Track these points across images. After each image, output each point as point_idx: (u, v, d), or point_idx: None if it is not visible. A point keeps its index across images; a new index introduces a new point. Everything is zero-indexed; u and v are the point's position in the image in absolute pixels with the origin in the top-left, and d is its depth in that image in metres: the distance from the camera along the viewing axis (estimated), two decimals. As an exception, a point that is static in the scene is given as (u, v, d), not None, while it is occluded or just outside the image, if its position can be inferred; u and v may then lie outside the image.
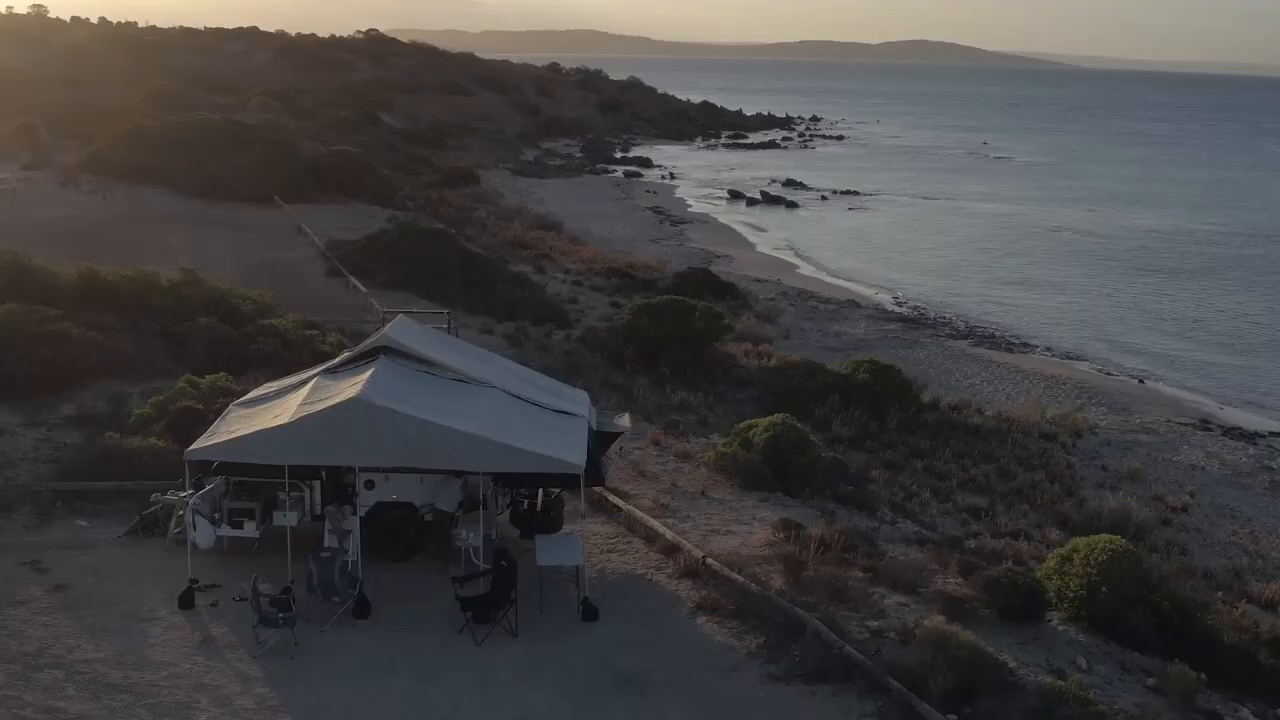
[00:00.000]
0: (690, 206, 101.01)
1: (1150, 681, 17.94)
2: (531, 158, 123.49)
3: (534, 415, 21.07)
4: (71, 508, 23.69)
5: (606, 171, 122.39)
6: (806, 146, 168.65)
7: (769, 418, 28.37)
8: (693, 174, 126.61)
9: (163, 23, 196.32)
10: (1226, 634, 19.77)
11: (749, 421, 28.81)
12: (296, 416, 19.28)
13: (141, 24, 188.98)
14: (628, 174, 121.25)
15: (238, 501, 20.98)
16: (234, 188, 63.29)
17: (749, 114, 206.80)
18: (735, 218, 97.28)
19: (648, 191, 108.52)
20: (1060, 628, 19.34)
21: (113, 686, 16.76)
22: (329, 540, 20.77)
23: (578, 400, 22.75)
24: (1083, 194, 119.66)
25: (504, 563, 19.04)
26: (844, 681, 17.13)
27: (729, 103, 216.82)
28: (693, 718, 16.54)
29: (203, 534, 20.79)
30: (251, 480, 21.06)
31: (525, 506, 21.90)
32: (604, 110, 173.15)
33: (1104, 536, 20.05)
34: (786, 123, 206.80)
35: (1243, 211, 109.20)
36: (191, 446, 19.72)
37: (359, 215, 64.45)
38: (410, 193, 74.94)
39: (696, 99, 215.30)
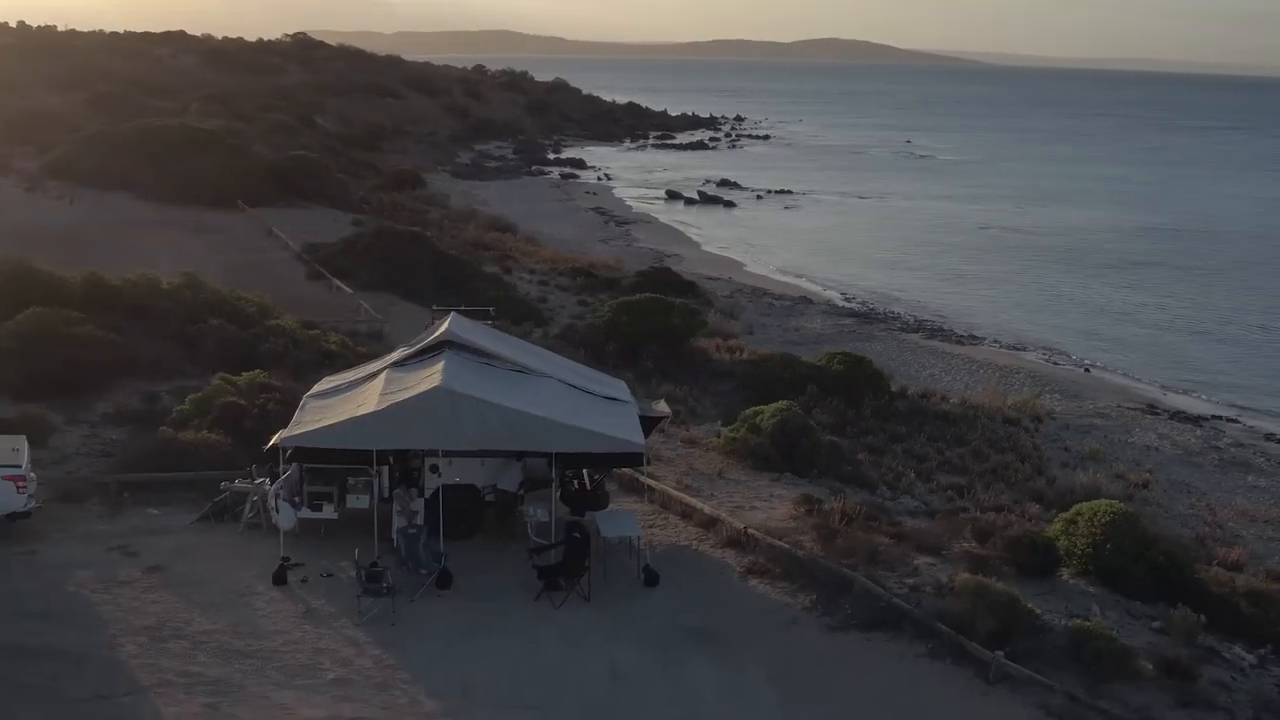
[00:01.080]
0: (631, 207, 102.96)
1: (1155, 625, 20.30)
2: (468, 160, 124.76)
3: (589, 401, 23.05)
4: (138, 498, 25.16)
5: (543, 173, 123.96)
6: (735, 147, 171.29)
7: (774, 405, 30.46)
8: (627, 175, 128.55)
9: (80, 27, 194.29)
10: (1211, 587, 22.19)
11: (754, 409, 30.92)
12: (384, 405, 21.08)
13: (60, 28, 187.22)
14: (564, 175, 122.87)
15: (316, 486, 22.64)
16: (197, 192, 64.22)
17: (674, 114, 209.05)
18: (676, 218, 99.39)
19: (587, 193, 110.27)
20: (1071, 581, 21.70)
21: (238, 653, 18.45)
22: (398, 521, 22.57)
23: (620, 389, 24.76)
24: (1008, 191, 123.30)
25: (577, 535, 20.98)
26: (895, 629, 19.31)
27: (650, 103, 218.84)
28: (768, 664, 18.60)
29: (285, 517, 22.46)
30: (326, 467, 22.78)
31: (574, 487, 23.78)
32: (532, 112, 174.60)
33: (1104, 501, 22.48)
34: (711, 123, 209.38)
35: (1163, 207, 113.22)
36: (284, 434, 21.42)
37: (322, 219, 65.75)
38: (364, 196, 76.12)
39: (620, 100, 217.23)
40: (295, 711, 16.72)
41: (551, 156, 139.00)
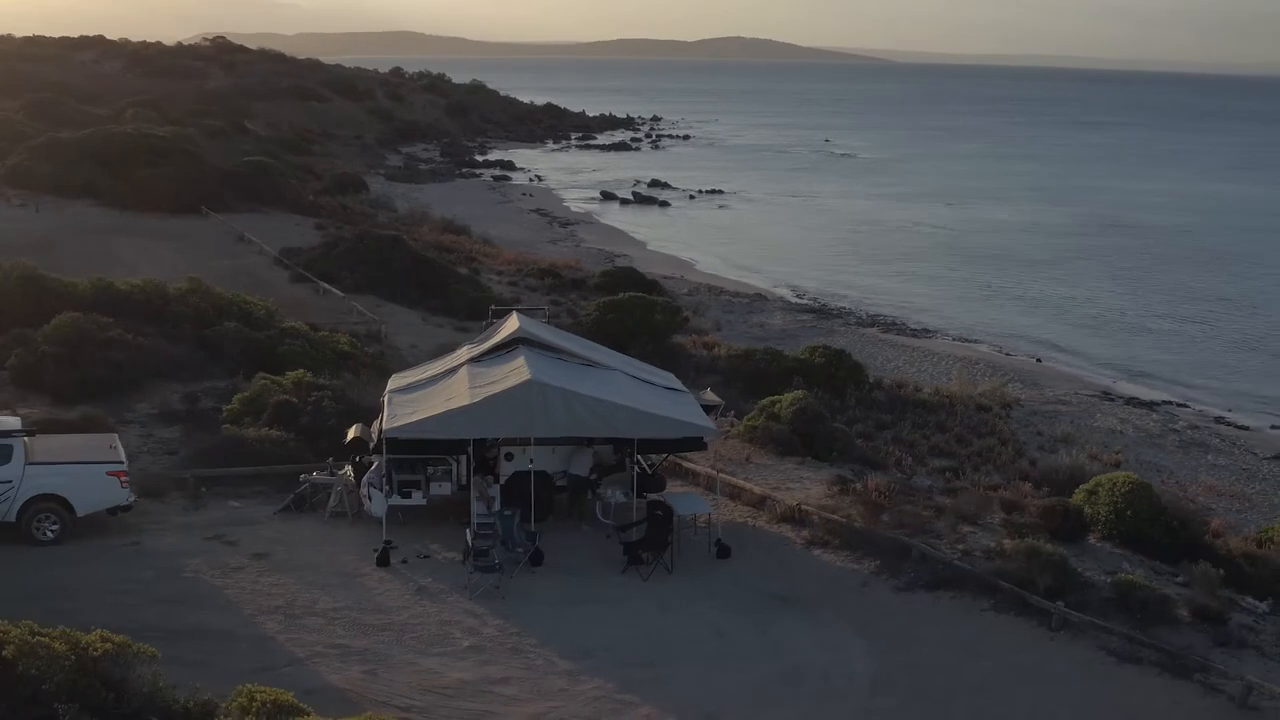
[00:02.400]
0: (570, 208, 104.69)
1: (1178, 579, 22.72)
2: (399, 163, 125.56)
3: (654, 391, 25.03)
4: (213, 491, 26.63)
5: (474, 175, 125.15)
6: (657, 147, 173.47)
7: (790, 394, 32.62)
8: (557, 176, 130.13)
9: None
10: (1218, 548, 24.71)
11: (771, 398, 33.04)
12: (478, 397, 22.85)
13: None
14: (496, 178, 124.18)
15: (404, 475, 24.33)
16: (158, 199, 64.93)
17: (592, 115, 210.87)
18: (615, 218, 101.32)
19: (523, 194, 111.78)
20: (1098, 544, 24.09)
21: (371, 626, 20.15)
22: (477, 507, 24.34)
23: (673, 380, 26.80)
24: (932, 189, 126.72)
25: (659, 512, 22.93)
26: (958, 588, 21.55)
27: (563, 103, 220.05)
28: (851, 620, 20.72)
29: (377, 505, 24.17)
30: (407, 457, 24.47)
31: (647, 471, 25.71)
32: (453, 114, 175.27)
33: (1121, 474, 24.91)
34: (629, 123, 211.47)
35: (1083, 204, 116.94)
36: (388, 426, 23.08)
37: (285, 223, 66.81)
38: (315, 201, 77.09)
39: (538, 101, 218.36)
40: (444, 675, 18.46)
41: (479, 159, 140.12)
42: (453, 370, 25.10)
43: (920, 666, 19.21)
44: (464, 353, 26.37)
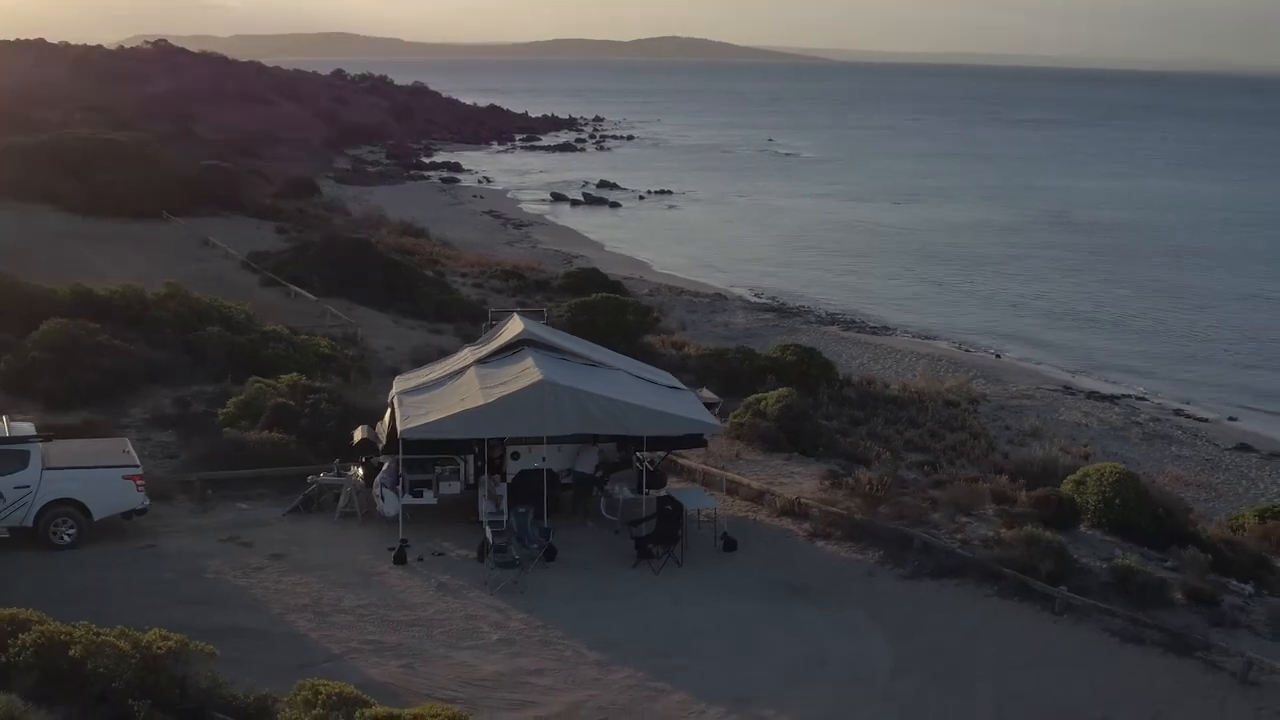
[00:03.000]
0: (522, 210, 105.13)
1: (1167, 564, 23.67)
2: (347, 165, 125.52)
3: (658, 390, 25.72)
4: (219, 494, 26.96)
5: (423, 177, 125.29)
6: (602, 148, 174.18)
7: (776, 392, 33.39)
8: (505, 178, 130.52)
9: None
10: (1201, 535, 25.73)
11: (756, 396, 33.78)
12: (492, 398, 23.40)
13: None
14: (445, 180, 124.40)
15: (415, 475, 24.82)
16: (119, 204, 64.73)
17: (535, 116, 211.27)
18: (568, 219, 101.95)
19: (474, 196, 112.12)
20: (1088, 532, 25.02)
21: (400, 622, 20.65)
22: (485, 505, 24.91)
23: (671, 379, 27.43)
24: (876, 189, 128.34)
25: (669, 507, 23.59)
26: (962, 575, 22.41)
27: (503, 104, 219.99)
28: (862, 608, 21.51)
29: (390, 505, 24.68)
30: (416, 458, 24.95)
31: (649, 467, 26.35)
32: (397, 116, 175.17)
33: (1109, 464, 25.85)
34: (572, 124, 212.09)
35: (1025, 202, 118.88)
36: (405, 427, 23.55)
37: (246, 227, 66.87)
38: (271, 204, 77.04)
39: (479, 102, 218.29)
40: (479, 668, 19.01)
41: (426, 161, 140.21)
42: (460, 372, 25.61)
43: (934, 650, 20.00)
44: (468, 354, 26.89)
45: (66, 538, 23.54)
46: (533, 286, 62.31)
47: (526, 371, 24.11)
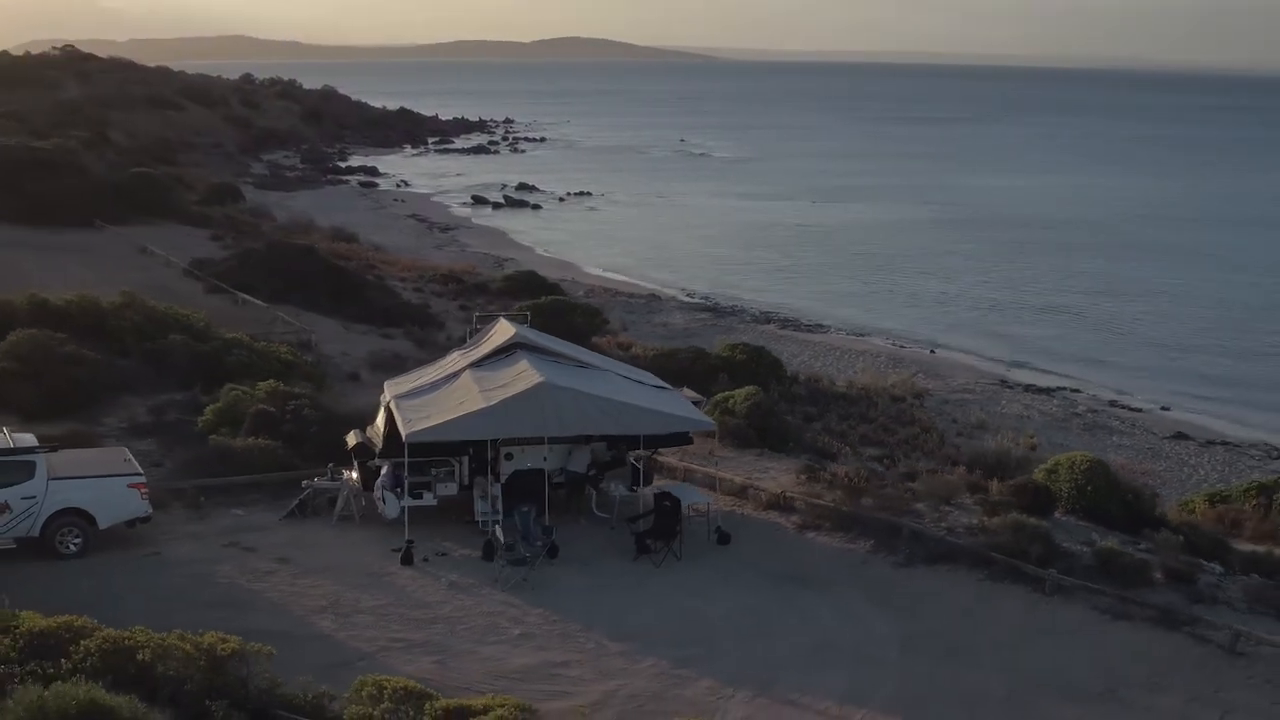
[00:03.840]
0: (446, 213, 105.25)
1: (1141, 546, 24.93)
2: (265, 171, 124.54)
3: (646, 390, 26.47)
4: (212, 501, 27.21)
5: (342, 181, 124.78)
6: (516, 150, 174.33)
7: (743, 390, 34.30)
8: (424, 181, 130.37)
9: None
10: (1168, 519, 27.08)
11: (724, 394, 34.66)
12: (494, 400, 24.01)
13: None
14: (363, 184, 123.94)
15: (415, 476, 25.33)
16: (51, 212, 63.96)
17: (445, 119, 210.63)
18: (492, 222, 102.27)
19: (395, 200, 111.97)
20: (1063, 518, 26.24)
21: (422, 620, 21.20)
22: (481, 505, 25.52)
23: (655, 379, 28.17)
24: (797, 188, 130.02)
25: (667, 503, 24.36)
26: (953, 561, 23.49)
27: (410, 106, 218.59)
28: (862, 595, 22.46)
29: (391, 507, 25.20)
30: (413, 460, 25.45)
31: (640, 465, 27.09)
32: (308, 120, 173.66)
33: (1079, 453, 27.11)
34: (483, 126, 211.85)
35: (944, 199, 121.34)
36: (410, 430, 24.04)
37: (178, 235, 66.43)
38: (203, 211, 76.53)
39: (387, 105, 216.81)
40: (508, 661, 19.65)
41: (342, 165, 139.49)
42: (454, 375, 26.15)
43: (937, 632, 21.01)
44: (458, 358, 27.43)
45: (73, 547, 23.72)
46: (472, 290, 62.71)
47: (524, 374, 24.74)
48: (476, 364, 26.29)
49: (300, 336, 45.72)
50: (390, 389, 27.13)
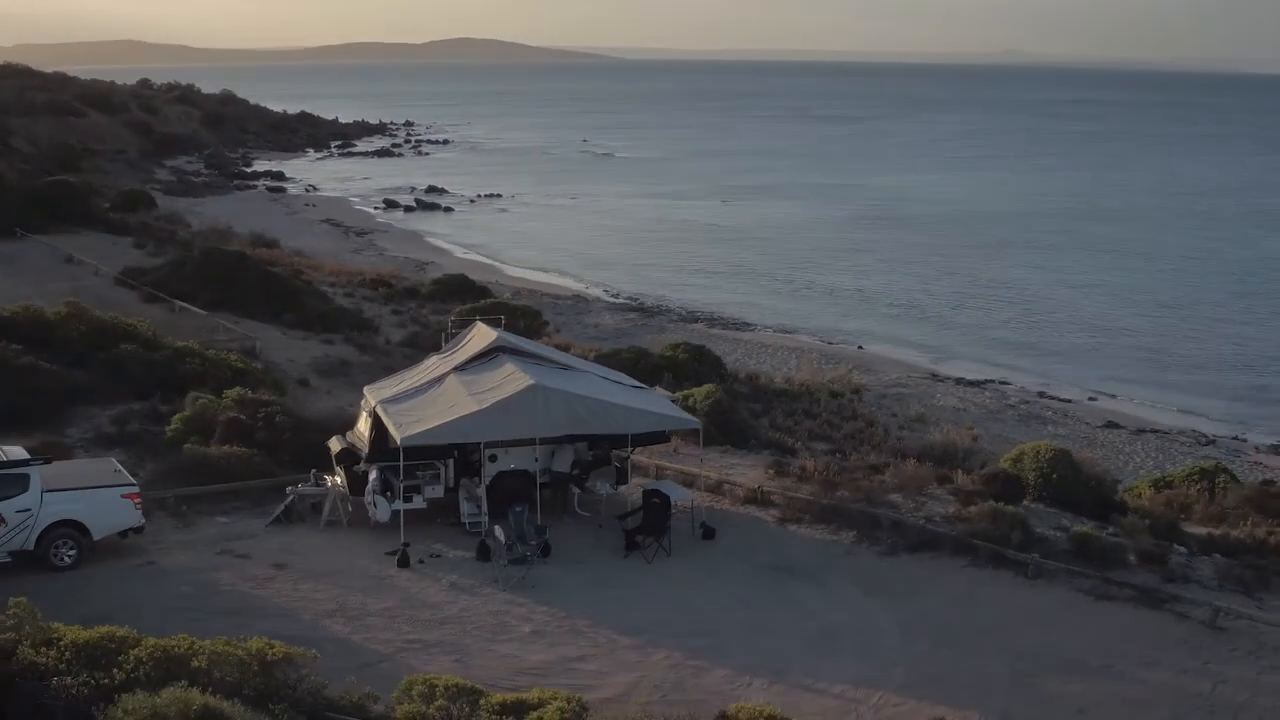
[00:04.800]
0: (360, 217, 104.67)
1: (1110, 531, 26.07)
2: (172, 177, 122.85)
3: (626, 390, 27.05)
4: (194, 509, 27.28)
5: (249, 187, 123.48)
6: (421, 153, 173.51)
7: (704, 387, 35.02)
8: (332, 185, 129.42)
9: None
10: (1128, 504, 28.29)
11: (684, 392, 35.33)
12: (487, 403, 24.47)
13: None
14: (271, 189, 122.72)
15: (410, 480, 25.64)
16: (-34, 221, 62.83)
17: (346, 122, 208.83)
18: (406, 225, 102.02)
19: (306, 205, 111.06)
20: (1032, 505, 27.30)
21: (431, 621, 21.59)
22: (467, 507, 25.96)
23: (630, 379, 28.77)
24: (705, 187, 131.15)
25: (656, 500, 24.97)
26: (935, 549, 24.43)
27: (307, 110, 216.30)
28: (853, 584, 23.27)
29: (382, 511, 25.50)
30: (406, 463, 25.77)
31: (621, 464, 27.66)
32: (209, 125, 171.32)
33: (1043, 442, 28.21)
34: (384, 129, 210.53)
35: (854, 197, 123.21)
36: (405, 434, 24.36)
37: (102, 243, 65.44)
38: (124, 219, 75.43)
39: (284, 108, 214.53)
40: (525, 658, 20.14)
41: (247, 170, 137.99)
42: (439, 380, 26.49)
43: (930, 617, 21.90)
44: (437, 362, 27.77)
45: (67, 559, 23.72)
46: (402, 294, 62.70)
47: (512, 376, 25.19)
48: (460, 368, 26.66)
49: (244, 344, 45.53)
50: (373, 394, 27.40)
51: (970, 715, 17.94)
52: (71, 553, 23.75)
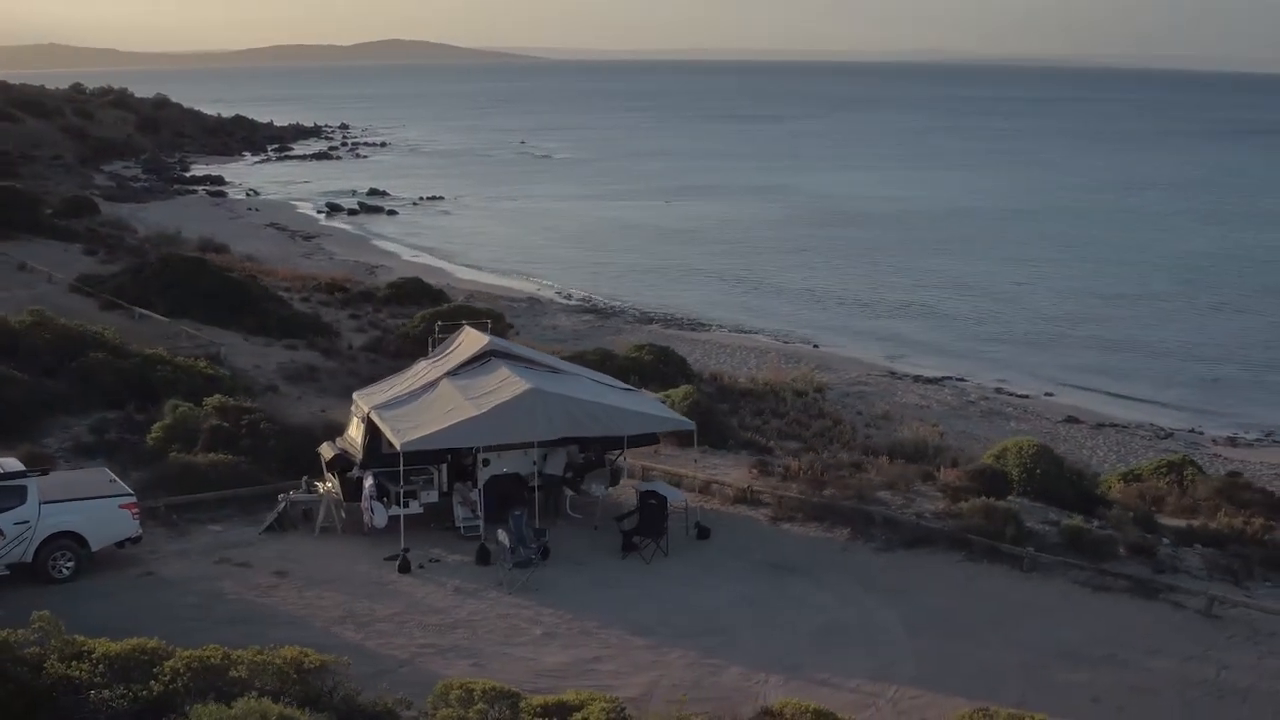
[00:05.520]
0: (304, 221, 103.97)
1: (1095, 523, 26.65)
2: (111, 183, 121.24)
3: (618, 392, 27.30)
4: (184, 518, 27.16)
5: (190, 191, 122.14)
6: (359, 156, 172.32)
7: (682, 389, 35.31)
8: (273, 189, 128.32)
9: None
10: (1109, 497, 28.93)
11: (663, 394, 35.56)
12: (486, 408, 24.61)
13: None
14: (212, 193, 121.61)
15: (405, 485, 25.70)
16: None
17: (281, 125, 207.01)
18: (351, 229, 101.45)
19: (249, 209, 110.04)
20: (1017, 500, 27.82)
21: (441, 626, 21.70)
22: (460, 512, 26.09)
23: (618, 381, 29.00)
24: (645, 188, 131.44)
25: (653, 501, 25.22)
26: (931, 544, 24.89)
27: (239, 113, 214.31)
28: (852, 579, 23.66)
29: (379, 516, 25.54)
30: (399, 469, 25.83)
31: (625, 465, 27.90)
32: (144, 130, 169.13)
33: (1025, 438, 28.79)
34: (319, 132, 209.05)
35: (790, 196, 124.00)
36: (405, 440, 24.43)
37: (52, 250, 64.60)
38: (69, 226, 74.49)
39: (219, 112, 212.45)
40: (541, 661, 20.33)
41: (187, 174, 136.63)
42: (432, 385, 26.55)
43: (933, 611, 22.33)
44: (427, 367, 27.83)
45: (65, 571, 23.58)
46: (359, 298, 62.40)
47: (508, 381, 25.35)
48: (453, 373, 26.75)
49: (208, 350, 45.21)
50: (365, 400, 27.39)
51: (988, 706, 18.33)
52: (70, 564, 23.61)
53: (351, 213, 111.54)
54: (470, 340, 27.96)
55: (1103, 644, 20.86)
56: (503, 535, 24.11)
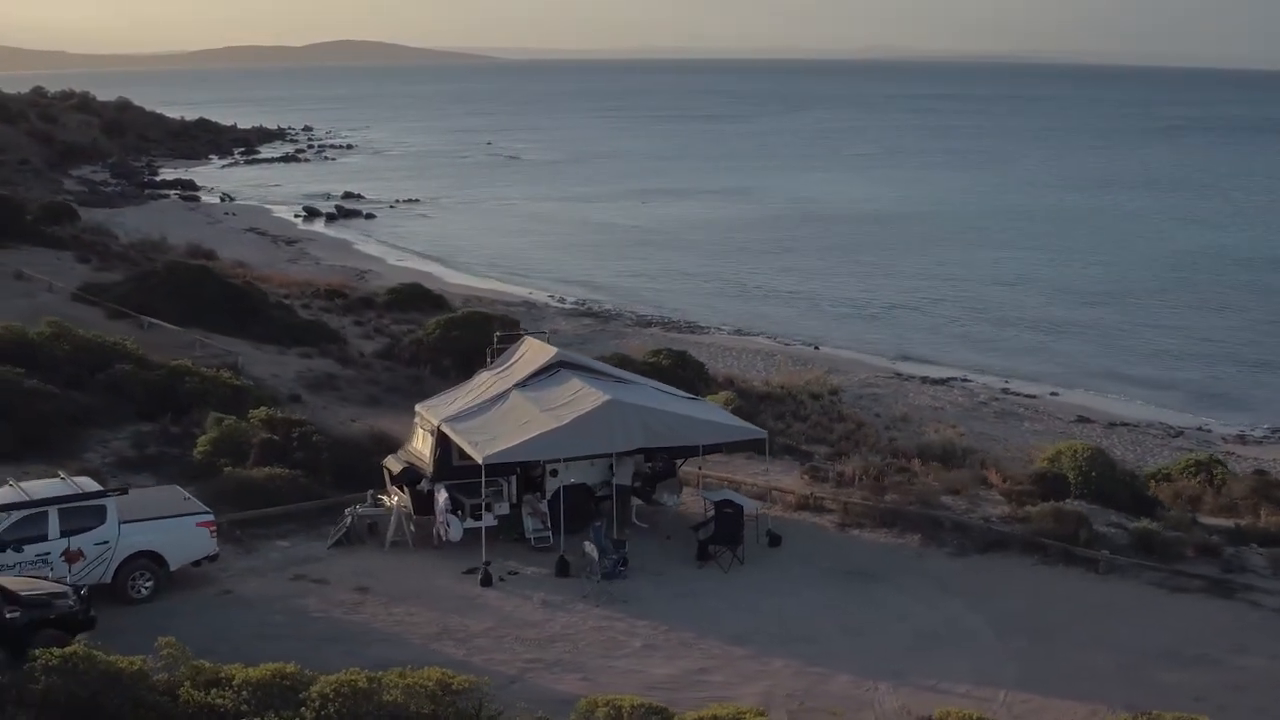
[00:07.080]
0: (285, 226, 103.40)
1: (1154, 525, 27.05)
2: (83, 188, 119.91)
3: (684, 401, 27.47)
4: (251, 534, 27.06)
5: (163, 196, 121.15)
6: (326, 158, 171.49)
7: (722, 394, 35.50)
8: (246, 193, 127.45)
9: None
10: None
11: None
12: (565, 419, 24.74)
13: None
14: (185, 197, 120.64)
15: (475, 499, 25.76)
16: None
17: (245, 128, 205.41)
18: (333, 233, 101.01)
19: (227, 214, 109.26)
20: (1075, 503, 28.18)
21: (539, 640, 21.84)
22: (530, 523, 26.19)
23: (679, 390, 29.15)
24: (619, 189, 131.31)
25: (729, 510, 25.41)
26: (1004, 548, 25.28)
27: (199, 115, 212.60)
28: (933, 584, 23.98)
29: (455, 530, 25.62)
30: (467, 482, 25.92)
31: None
32: (109, 134, 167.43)
33: (1078, 441, 29.27)
34: (283, 134, 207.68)
35: (767, 197, 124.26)
36: (487, 453, 24.47)
37: (45, 258, 63.91)
38: (55, 233, 73.75)
39: (180, 115, 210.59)
40: (649, 673, 20.52)
41: (157, 179, 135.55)
42: (501, 397, 26.60)
43: (1017, 614, 22.72)
44: (491, 379, 27.83)
45: (144, 590, 23.52)
46: (359, 305, 62.12)
47: (583, 392, 25.48)
48: (522, 384, 26.82)
49: (226, 360, 44.95)
50: (431, 413, 27.38)
51: (1098, 708, 18.66)
52: (149, 584, 23.54)
53: (330, 218, 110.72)
54: (535, 351, 28.04)
55: (1192, 644, 21.29)
56: (589, 548, 24.23)
